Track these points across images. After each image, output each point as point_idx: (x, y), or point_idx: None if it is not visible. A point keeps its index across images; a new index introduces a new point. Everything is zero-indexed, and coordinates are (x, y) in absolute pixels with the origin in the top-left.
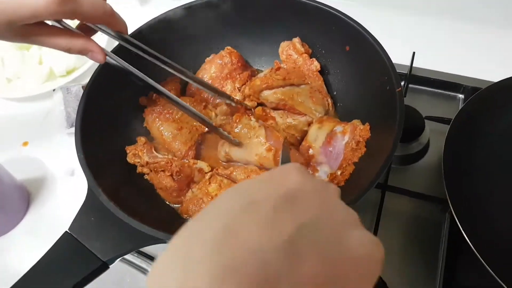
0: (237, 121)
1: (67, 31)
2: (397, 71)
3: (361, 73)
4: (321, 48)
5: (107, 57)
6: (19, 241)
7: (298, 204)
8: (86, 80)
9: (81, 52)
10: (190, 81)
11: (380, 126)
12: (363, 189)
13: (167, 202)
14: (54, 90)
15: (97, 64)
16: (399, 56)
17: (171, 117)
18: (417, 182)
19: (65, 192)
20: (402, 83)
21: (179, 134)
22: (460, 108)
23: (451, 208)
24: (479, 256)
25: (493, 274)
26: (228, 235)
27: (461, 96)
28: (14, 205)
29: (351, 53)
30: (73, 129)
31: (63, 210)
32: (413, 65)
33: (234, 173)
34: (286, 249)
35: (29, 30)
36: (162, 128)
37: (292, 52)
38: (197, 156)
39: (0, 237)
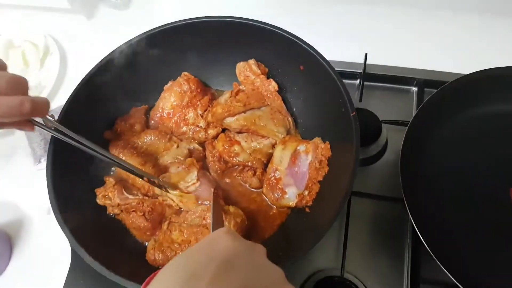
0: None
1: None
2: (351, 70)
3: (317, 91)
4: (276, 67)
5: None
6: (10, 285)
7: (232, 271)
8: None
9: (9, 127)
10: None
11: (339, 145)
12: (331, 218)
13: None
14: None
15: (56, 93)
16: (352, 55)
17: (136, 151)
18: (379, 181)
19: (45, 232)
20: (358, 81)
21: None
22: (414, 114)
23: (407, 209)
24: (430, 251)
25: (442, 267)
26: None
27: (414, 89)
28: None
29: (306, 72)
30: (40, 165)
31: (47, 249)
32: (367, 62)
33: (189, 219)
34: None
35: None
36: None
37: (249, 73)
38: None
39: None
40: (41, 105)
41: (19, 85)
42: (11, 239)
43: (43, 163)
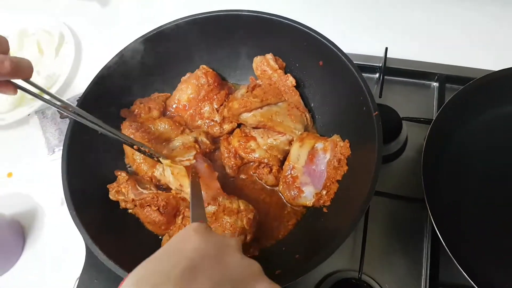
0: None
1: None
2: (371, 63)
3: (336, 88)
4: (294, 61)
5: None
6: (22, 276)
7: (198, 276)
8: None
9: None
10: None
11: (359, 144)
12: (353, 220)
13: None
14: (29, 115)
15: (71, 82)
16: (372, 48)
17: (147, 136)
18: (398, 179)
19: (58, 223)
20: (377, 75)
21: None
22: (438, 112)
23: (428, 209)
24: (449, 253)
25: (462, 270)
26: None
27: (435, 84)
28: (10, 242)
29: (325, 68)
30: (54, 156)
31: (60, 240)
32: (387, 56)
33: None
34: None
35: None
36: None
37: (266, 68)
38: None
39: (1, 276)
40: (23, 66)
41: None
42: (23, 229)
43: (57, 153)
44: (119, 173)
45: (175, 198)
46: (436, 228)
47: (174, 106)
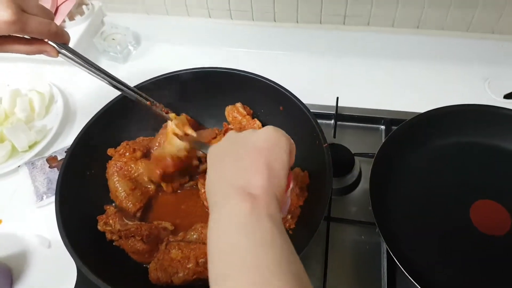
0: None
1: (23, 38)
2: (326, 111)
3: (295, 128)
4: (260, 108)
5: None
6: None
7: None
8: (49, 152)
9: (38, 52)
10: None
11: (316, 172)
12: (310, 235)
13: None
14: (19, 166)
15: (59, 136)
16: (326, 98)
17: (129, 174)
18: (356, 208)
19: (45, 265)
20: (332, 121)
21: (131, 195)
22: (380, 145)
23: (379, 232)
24: (402, 268)
25: (414, 283)
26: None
27: (382, 127)
28: None
29: (285, 111)
30: (42, 203)
31: (47, 283)
32: (339, 105)
33: (188, 236)
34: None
35: None
36: (117, 184)
37: (236, 114)
38: (144, 217)
39: None
40: (65, 32)
41: (47, 11)
42: (12, 271)
43: (45, 200)
44: (108, 207)
45: (156, 228)
46: (388, 248)
47: (155, 148)
